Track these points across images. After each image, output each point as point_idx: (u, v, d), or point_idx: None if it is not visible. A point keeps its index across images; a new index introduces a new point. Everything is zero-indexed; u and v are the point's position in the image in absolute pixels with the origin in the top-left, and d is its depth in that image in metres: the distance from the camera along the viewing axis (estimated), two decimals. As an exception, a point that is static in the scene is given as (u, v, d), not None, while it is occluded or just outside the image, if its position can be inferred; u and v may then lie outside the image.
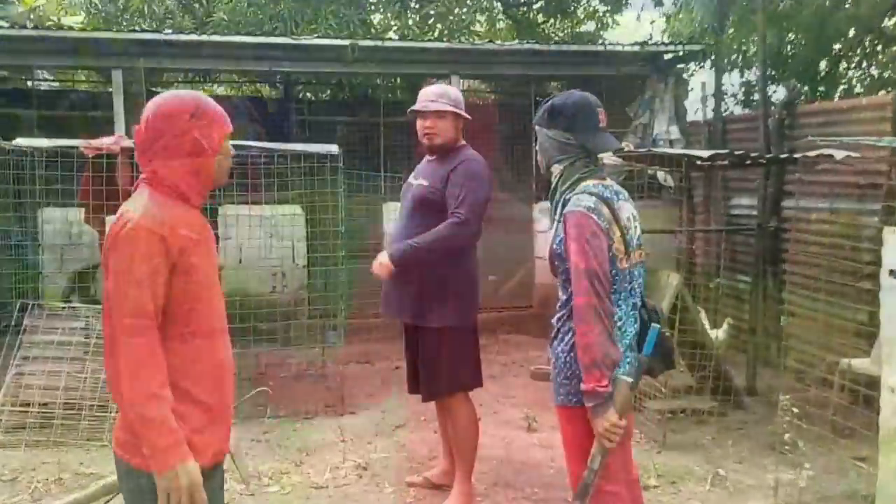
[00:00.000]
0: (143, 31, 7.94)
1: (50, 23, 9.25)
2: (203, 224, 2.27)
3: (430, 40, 8.94)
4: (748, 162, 5.64)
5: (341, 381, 6.18)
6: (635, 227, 2.82)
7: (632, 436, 3.05)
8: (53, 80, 11.66)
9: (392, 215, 6.20)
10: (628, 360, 2.77)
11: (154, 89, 11.00)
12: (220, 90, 12.98)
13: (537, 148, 2.93)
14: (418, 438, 5.31)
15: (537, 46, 8.43)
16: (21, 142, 5.77)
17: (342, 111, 10.65)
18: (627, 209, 2.80)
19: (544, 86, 10.20)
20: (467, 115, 4.12)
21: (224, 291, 2.13)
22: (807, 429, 4.60)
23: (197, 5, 12.67)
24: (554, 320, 2.89)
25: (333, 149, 5.95)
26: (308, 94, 11.74)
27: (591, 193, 2.71)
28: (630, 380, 2.65)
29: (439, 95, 4.12)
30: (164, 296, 2.10)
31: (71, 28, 8.04)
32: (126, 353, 2.04)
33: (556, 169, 2.83)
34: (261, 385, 6.35)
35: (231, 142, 2.32)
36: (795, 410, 4.44)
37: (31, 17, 10.83)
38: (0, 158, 5.64)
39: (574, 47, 8.73)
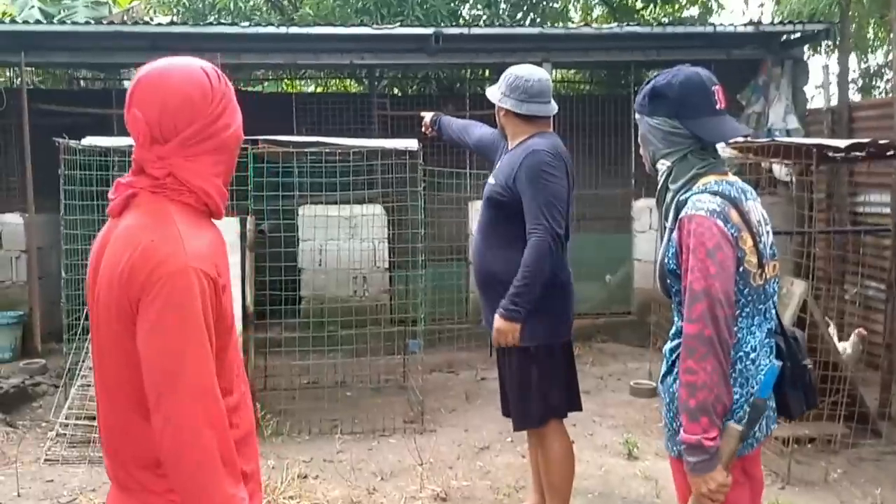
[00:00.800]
0: (219, 24, 7.69)
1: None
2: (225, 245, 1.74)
3: (520, 26, 8.41)
4: (892, 153, 4.87)
5: (422, 393, 5.73)
6: (767, 232, 2.25)
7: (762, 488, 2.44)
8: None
9: (478, 215, 5.75)
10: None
11: (243, 88, 10.87)
12: (311, 87, 12.81)
13: (640, 140, 2.37)
14: (504, 464, 4.79)
15: (638, 29, 7.75)
16: (90, 141, 5.55)
17: (427, 105, 10.19)
18: (757, 211, 2.24)
19: (645, 73, 9.48)
20: (504, 106, 3.54)
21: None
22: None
23: (285, 2, 12.53)
24: (666, 350, 2.32)
25: (413, 144, 5.50)
26: (395, 90, 11.37)
27: (713, 193, 2.15)
28: (740, 428, 2.11)
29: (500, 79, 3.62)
30: None
31: (147, 23, 7.87)
32: (195, 439, 1.50)
33: (664, 165, 2.27)
34: (340, 398, 5.99)
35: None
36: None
37: (126, 18, 10.85)
38: (70, 159, 5.40)
39: (679, 29, 7.99)
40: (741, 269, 2.12)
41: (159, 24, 7.59)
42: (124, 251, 1.54)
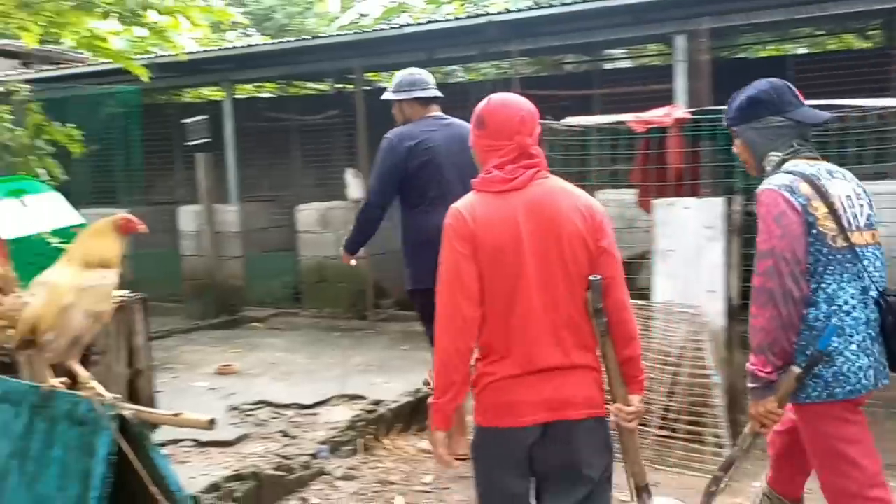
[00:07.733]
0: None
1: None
2: None
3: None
4: None
5: None
6: (860, 205, 2.58)
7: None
8: (625, 57, 11.45)
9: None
10: (865, 344, 2.51)
11: (729, 57, 9.99)
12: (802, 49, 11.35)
13: (738, 150, 2.82)
14: None
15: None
16: (571, 121, 5.48)
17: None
18: (844, 187, 2.58)
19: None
20: (393, 97, 4.37)
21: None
22: None
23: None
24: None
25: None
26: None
27: (787, 172, 2.58)
28: (798, 371, 2.51)
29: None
30: None
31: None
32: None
33: (775, 157, 2.69)
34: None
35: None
36: None
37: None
38: (550, 139, 5.31)
39: None
40: (814, 231, 2.47)
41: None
42: (571, 199, 2.37)
